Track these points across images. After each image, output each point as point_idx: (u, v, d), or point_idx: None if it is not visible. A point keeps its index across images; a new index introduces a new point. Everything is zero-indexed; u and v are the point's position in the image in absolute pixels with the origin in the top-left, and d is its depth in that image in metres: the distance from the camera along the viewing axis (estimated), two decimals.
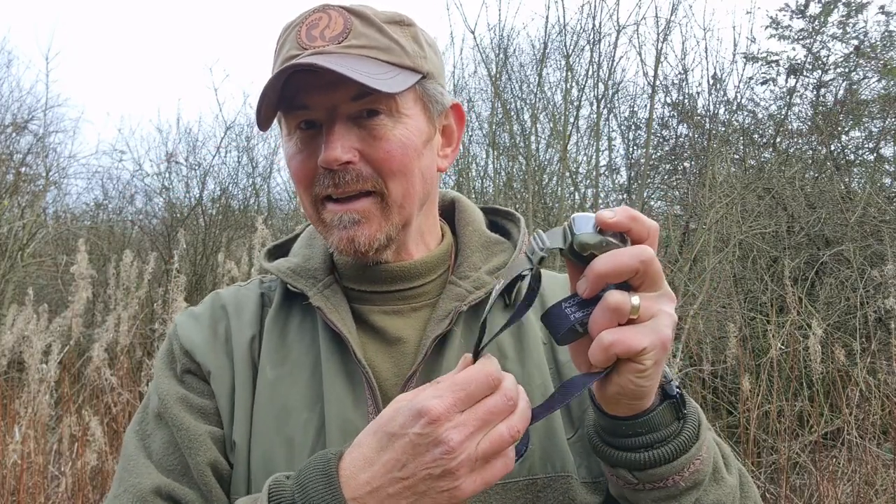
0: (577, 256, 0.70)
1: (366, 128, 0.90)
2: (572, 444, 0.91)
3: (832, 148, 6.45)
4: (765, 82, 7.21)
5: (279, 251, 1.11)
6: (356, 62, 0.87)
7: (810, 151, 6.67)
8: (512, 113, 6.26)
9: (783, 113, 6.84)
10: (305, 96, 0.90)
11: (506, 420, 0.70)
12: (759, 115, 7.18)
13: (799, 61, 6.99)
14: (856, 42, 6.90)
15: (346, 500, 0.69)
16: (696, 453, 0.77)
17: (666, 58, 6.12)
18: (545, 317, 0.72)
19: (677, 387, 0.76)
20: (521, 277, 0.72)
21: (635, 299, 0.67)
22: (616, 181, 6.64)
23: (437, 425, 0.67)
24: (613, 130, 6.71)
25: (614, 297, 0.66)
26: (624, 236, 0.69)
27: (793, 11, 7.30)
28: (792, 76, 6.92)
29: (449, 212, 1.10)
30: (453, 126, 1.03)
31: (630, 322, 0.67)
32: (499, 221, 1.11)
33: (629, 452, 0.76)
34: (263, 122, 0.90)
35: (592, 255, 0.68)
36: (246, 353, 0.98)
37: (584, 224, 0.70)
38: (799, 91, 6.89)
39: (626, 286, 0.68)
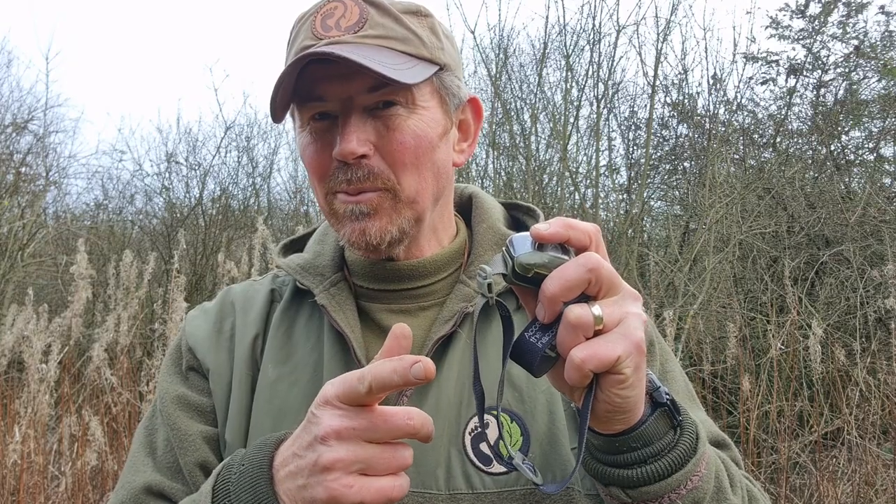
0: (522, 279, 0.66)
1: (380, 118, 0.88)
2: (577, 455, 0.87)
3: (832, 148, 6.45)
4: (765, 82, 7.22)
5: (295, 246, 1.11)
6: (373, 52, 0.85)
7: (810, 151, 6.68)
8: (512, 113, 6.26)
9: (783, 113, 6.84)
10: (320, 87, 0.88)
11: (384, 478, 0.66)
12: (759, 115, 7.19)
13: (799, 61, 6.99)
14: (856, 42, 6.90)
15: (271, 478, 0.71)
16: (694, 469, 0.72)
17: (666, 58, 6.12)
18: (514, 354, 0.68)
19: (666, 393, 0.71)
20: (488, 305, 0.69)
21: (596, 309, 0.63)
22: (616, 181, 6.64)
23: (320, 442, 0.66)
24: (613, 130, 6.72)
25: (574, 312, 0.63)
26: (566, 247, 0.66)
27: (793, 11, 7.31)
28: (792, 76, 6.92)
29: (466, 207, 1.07)
30: (470, 120, 1.00)
31: (598, 333, 0.63)
32: (520, 217, 1.07)
33: (622, 469, 0.72)
34: (278, 113, 0.88)
35: (538, 274, 0.65)
36: (247, 352, 0.98)
37: (521, 244, 0.66)
38: (799, 91, 6.89)
39: (585, 297, 0.64)
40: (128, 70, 22.57)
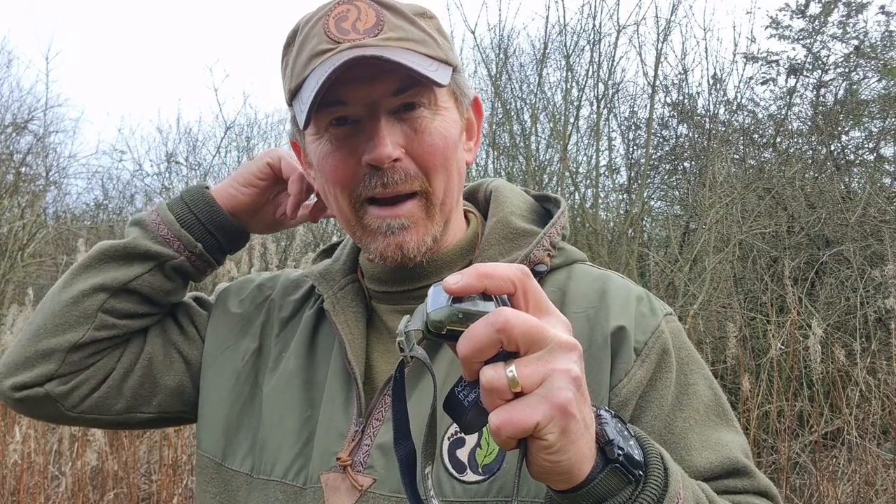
0: (438, 336, 0.60)
1: (406, 121, 0.88)
2: None
3: (832, 148, 6.45)
4: (765, 82, 7.22)
5: (331, 252, 1.11)
6: (401, 55, 0.83)
7: (810, 151, 6.68)
8: (512, 113, 6.27)
9: (783, 113, 6.84)
10: (342, 91, 0.85)
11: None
12: (759, 115, 7.18)
13: (799, 61, 6.99)
14: (856, 42, 6.90)
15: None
16: None
17: (666, 58, 6.12)
18: (446, 407, 0.63)
19: (620, 447, 0.64)
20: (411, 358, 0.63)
21: (510, 370, 0.57)
22: (616, 181, 6.64)
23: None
24: (613, 130, 6.71)
25: (486, 376, 0.57)
26: (490, 296, 0.59)
27: (793, 11, 7.30)
28: (792, 76, 6.92)
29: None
30: (473, 119, 1.00)
31: (520, 394, 0.57)
32: (551, 209, 1.03)
33: None
34: (310, 119, 0.85)
35: (453, 331, 0.59)
36: (261, 324, 1.05)
37: (436, 297, 0.60)
38: (799, 91, 6.89)
39: (508, 355, 0.58)
40: (128, 70, 22.58)
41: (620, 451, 0.64)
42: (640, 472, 0.65)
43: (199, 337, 1.08)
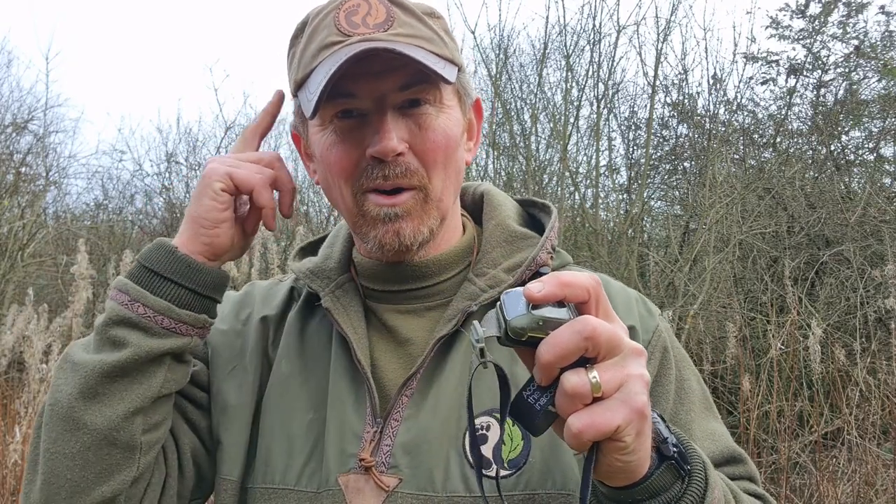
0: (516, 343, 0.62)
1: (411, 117, 0.89)
2: (580, 460, 0.83)
3: (832, 148, 6.45)
4: (765, 82, 7.22)
5: (312, 249, 1.10)
6: (411, 51, 0.85)
7: (810, 151, 6.68)
8: (512, 113, 6.27)
9: (783, 113, 6.85)
10: (350, 84, 0.86)
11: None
12: (759, 115, 7.19)
13: (799, 61, 6.99)
14: (856, 42, 6.91)
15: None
16: None
17: (666, 58, 6.13)
18: (513, 412, 0.65)
19: (674, 445, 0.69)
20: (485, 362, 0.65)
21: (594, 376, 0.60)
22: (616, 181, 6.64)
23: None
24: (613, 130, 6.72)
25: (570, 381, 0.60)
26: (563, 302, 0.62)
27: (793, 11, 7.30)
28: (792, 76, 6.92)
29: (479, 205, 1.06)
30: (474, 120, 1.02)
31: (597, 399, 0.60)
32: (536, 214, 1.06)
33: None
34: (318, 108, 0.85)
35: (532, 338, 0.61)
36: (257, 334, 1.01)
37: (513, 304, 0.62)
38: (799, 91, 6.89)
39: (585, 360, 0.61)
40: (128, 70, 22.55)
41: (675, 449, 0.69)
42: (688, 468, 0.70)
43: (208, 396, 1.01)
